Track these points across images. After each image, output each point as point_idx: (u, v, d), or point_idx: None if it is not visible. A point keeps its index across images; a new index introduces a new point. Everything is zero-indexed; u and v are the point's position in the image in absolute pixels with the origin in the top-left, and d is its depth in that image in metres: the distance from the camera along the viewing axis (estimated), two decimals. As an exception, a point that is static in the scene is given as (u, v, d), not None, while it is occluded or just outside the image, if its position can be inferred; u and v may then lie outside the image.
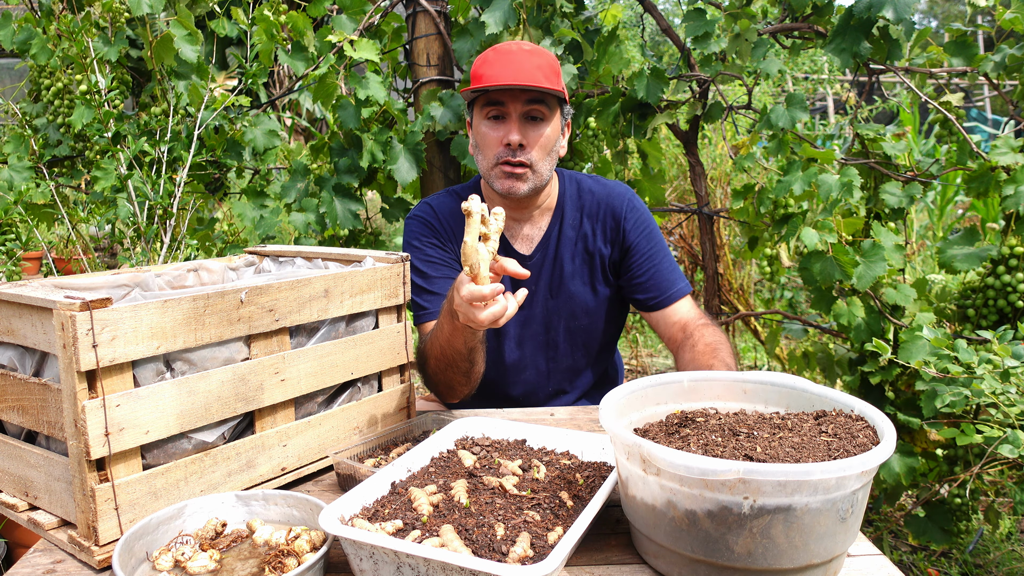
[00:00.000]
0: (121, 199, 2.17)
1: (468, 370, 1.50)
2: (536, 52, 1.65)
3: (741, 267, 4.64)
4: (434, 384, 1.59)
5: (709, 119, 2.52)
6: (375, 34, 2.53)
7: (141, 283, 1.34)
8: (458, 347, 1.44)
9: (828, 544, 0.88)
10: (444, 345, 1.46)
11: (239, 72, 2.48)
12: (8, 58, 5.83)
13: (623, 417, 1.11)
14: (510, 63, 1.61)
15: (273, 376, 1.21)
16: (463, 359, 1.47)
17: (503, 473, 1.14)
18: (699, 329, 1.67)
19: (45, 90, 2.51)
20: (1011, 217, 2.04)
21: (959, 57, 2.17)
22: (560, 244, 1.78)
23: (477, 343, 1.45)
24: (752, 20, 2.35)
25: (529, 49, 1.65)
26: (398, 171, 2.37)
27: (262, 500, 1.11)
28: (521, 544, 0.91)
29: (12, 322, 1.08)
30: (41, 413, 1.06)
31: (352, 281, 1.34)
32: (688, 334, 1.68)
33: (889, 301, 2.12)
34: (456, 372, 1.51)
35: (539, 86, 1.57)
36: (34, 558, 1.05)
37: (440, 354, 1.49)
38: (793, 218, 2.23)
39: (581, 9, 2.56)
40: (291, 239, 4.13)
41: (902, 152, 2.19)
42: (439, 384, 1.57)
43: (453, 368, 1.50)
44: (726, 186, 4.67)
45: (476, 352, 1.47)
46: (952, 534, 2.12)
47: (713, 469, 0.83)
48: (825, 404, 1.10)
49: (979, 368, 1.50)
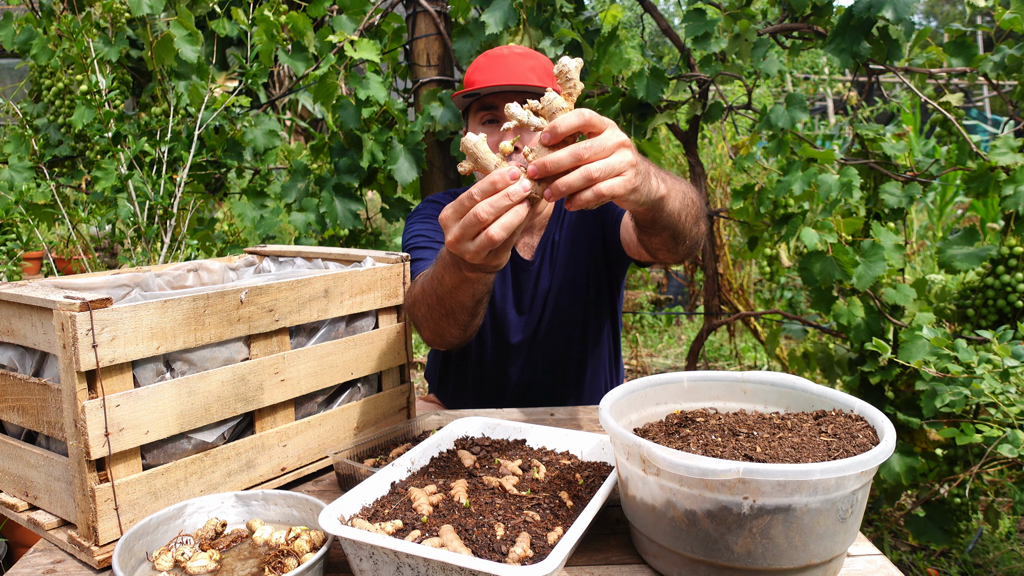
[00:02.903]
0: (121, 199, 2.17)
1: (467, 323, 1.34)
2: (528, 55, 1.65)
3: (741, 267, 4.64)
4: (421, 330, 1.42)
5: (709, 119, 2.52)
6: (375, 34, 2.53)
7: (141, 283, 1.34)
8: (463, 300, 1.25)
9: (828, 544, 0.88)
10: (444, 295, 1.27)
11: (239, 72, 2.48)
12: (8, 58, 5.83)
13: (623, 417, 1.11)
14: (501, 66, 1.61)
15: (273, 376, 1.22)
16: (465, 311, 1.29)
17: (503, 473, 1.14)
18: None
19: (46, 90, 2.52)
20: (1011, 217, 2.04)
21: (959, 57, 2.17)
22: (560, 245, 1.78)
23: (485, 294, 1.27)
24: (752, 20, 2.35)
25: (521, 52, 1.65)
26: (398, 171, 2.37)
27: (262, 500, 1.11)
28: (521, 544, 0.91)
29: (12, 322, 1.08)
30: (41, 413, 1.06)
31: (352, 281, 1.34)
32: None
33: (889, 301, 2.12)
34: (453, 324, 1.33)
35: (531, 85, 1.57)
36: (34, 558, 1.05)
37: (436, 303, 1.30)
38: (793, 218, 2.23)
39: (581, 9, 2.56)
40: (291, 239, 4.13)
41: (902, 152, 2.19)
42: (430, 331, 1.39)
43: (450, 319, 1.32)
44: (726, 186, 4.67)
45: (481, 305, 1.30)
46: (952, 534, 2.12)
47: (713, 469, 0.83)
48: (825, 404, 1.10)
49: (979, 368, 1.50)
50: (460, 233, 0.99)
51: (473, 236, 0.99)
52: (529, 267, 1.79)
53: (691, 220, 1.32)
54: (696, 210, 1.33)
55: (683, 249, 1.40)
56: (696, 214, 1.34)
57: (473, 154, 0.98)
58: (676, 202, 1.22)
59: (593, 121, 0.96)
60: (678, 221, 1.27)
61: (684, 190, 1.28)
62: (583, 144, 0.95)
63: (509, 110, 0.97)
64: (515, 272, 1.80)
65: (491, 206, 0.95)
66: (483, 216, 0.96)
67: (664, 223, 1.24)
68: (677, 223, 1.27)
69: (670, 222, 1.25)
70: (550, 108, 0.96)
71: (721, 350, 4.99)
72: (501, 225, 0.96)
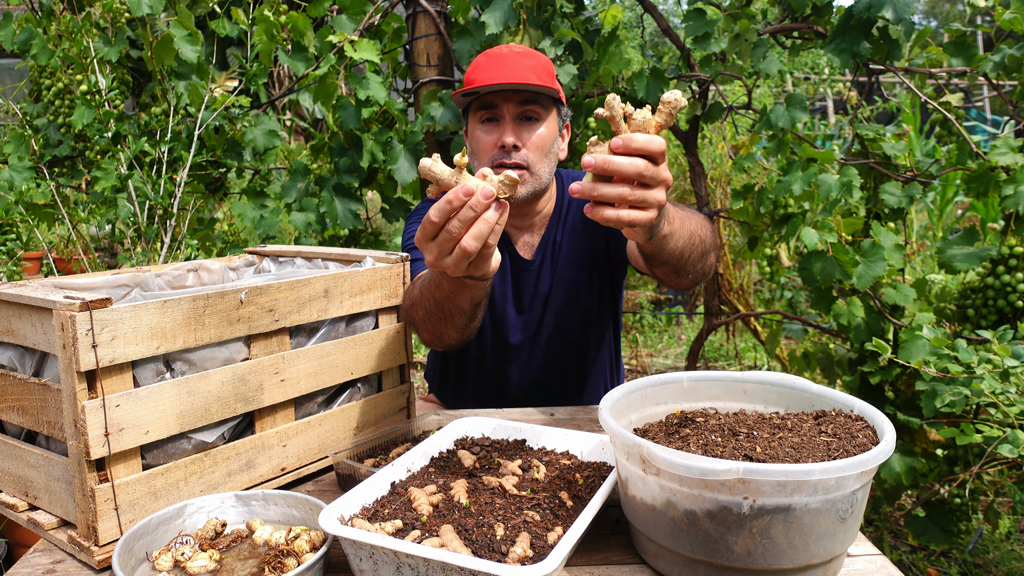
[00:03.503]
0: (121, 199, 2.17)
1: (465, 326, 1.35)
2: (528, 54, 1.65)
3: (741, 267, 4.64)
4: (419, 332, 1.43)
5: (709, 119, 2.52)
6: (375, 34, 2.53)
7: (141, 283, 1.34)
8: (461, 304, 1.26)
9: (828, 544, 0.88)
10: (442, 300, 1.28)
11: (239, 72, 2.48)
12: (8, 58, 5.83)
13: (623, 417, 1.11)
14: (501, 65, 1.60)
15: (273, 376, 1.22)
16: (463, 315, 1.30)
17: (503, 473, 1.14)
18: None
19: (46, 90, 2.52)
20: (1011, 217, 2.04)
21: (959, 57, 2.17)
22: (561, 245, 1.78)
23: (482, 299, 1.28)
24: (752, 20, 2.35)
25: (520, 51, 1.65)
26: (398, 171, 2.37)
27: (262, 500, 1.11)
28: (521, 544, 0.91)
29: (12, 322, 1.08)
30: (41, 413, 1.06)
31: (352, 281, 1.34)
32: None
33: (889, 301, 2.12)
34: (451, 327, 1.34)
35: (530, 83, 1.56)
36: (34, 558, 1.05)
37: (434, 307, 1.32)
38: (793, 218, 2.23)
39: (581, 9, 2.56)
40: (291, 239, 4.13)
41: (902, 152, 2.19)
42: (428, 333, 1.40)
43: (448, 322, 1.33)
44: (726, 186, 4.67)
45: (479, 308, 1.31)
46: (952, 534, 2.12)
47: (713, 469, 0.83)
48: (825, 404, 1.10)
49: (979, 368, 1.50)
50: (437, 251, 1.03)
51: (449, 252, 1.03)
52: (529, 267, 1.79)
53: (695, 257, 1.36)
54: (703, 248, 1.37)
55: (686, 281, 1.44)
56: (703, 251, 1.38)
57: (431, 176, 1.01)
58: (681, 241, 1.26)
59: (662, 151, 0.99)
60: (679, 258, 1.30)
61: (692, 230, 1.31)
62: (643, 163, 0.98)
63: (615, 100, 0.99)
64: (515, 272, 1.80)
65: (459, 221, 0.99)
66: (454, 232, 1.00)
67: (665, 258, 1.28)
68: (679, 260, 1.31)
69: (671, 258, 1.29)
70: (639, 119, 1.00)
71: (721, 350, 4.99)
72: (472, 236, 1.00)
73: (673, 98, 0.98)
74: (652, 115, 1.00)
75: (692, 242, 1.31)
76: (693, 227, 1.31)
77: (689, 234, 1.29)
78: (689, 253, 1.31)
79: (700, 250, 1.36)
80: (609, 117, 1.00)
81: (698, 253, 1.35)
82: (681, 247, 1.27)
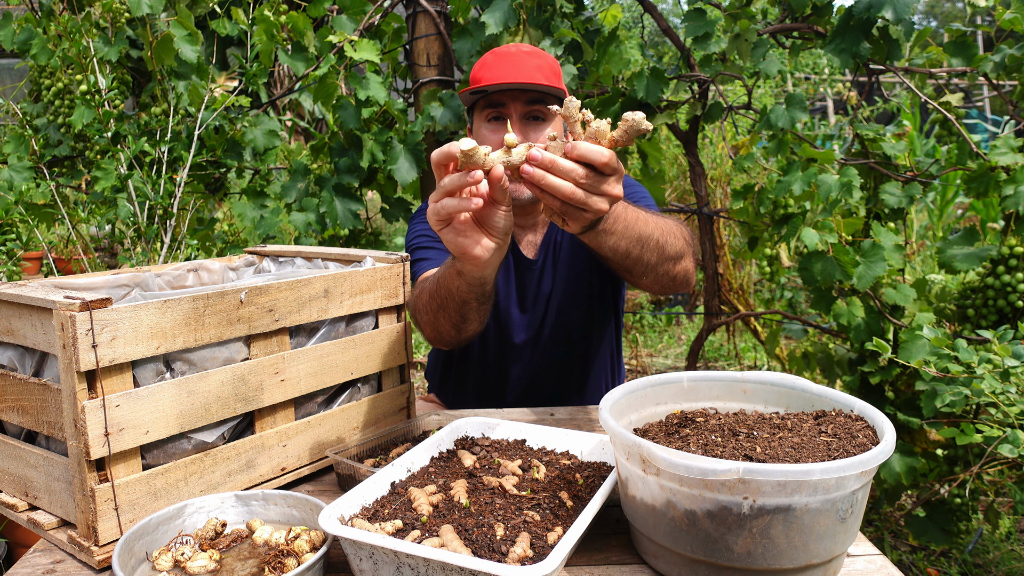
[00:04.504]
0: (121, 199, 2.17)
1: (459, 323, 1.39)
2: (535, 53, 1.65)
3: (741, 267, 4.64)
4: (421, 325, 1.49)
5: (709, 119, 2.52)
6: (375, 34, 2.53)
7: (141, 283, 1.34)
8: (454, 291, 1.30)
9: (828, 544, 0.88)
10: (439, 287, 1.33)
11: (239, 72, 2.48)
12: (8, 58, 5.83)
13: (623, 417, 1.11)
14: (509, 64, 1.61)
15: (273, 376, 1.22)
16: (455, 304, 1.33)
17: (503, 473, 1.14)
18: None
19: (45, 90, 2.51)
20: (1011, 217, 2.04)
21: (959, 57, 2.17)
22: (562, 244, 1.78)
23: (474, 297, 1.31)
24: (752, 20, 2.35)
25: (528, 51, 1.65)
26: (398, 171, 2.37)
27: (262, 500, 1.11)
28: (521, 544, 0.91)
29: (12, 322, 1.08)
30: (41, 413, 1.06)
31: (352, 281, 1.34)
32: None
33: (889, 301, 2.12)
34: (446, 320, 1.39)
35: (538, 83, 1.57)
36: (34, 558, 1.05)
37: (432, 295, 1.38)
38: (793, 218, 2.23)
39: (581, 9, 2.56)
40: (291, 239, 4.13)
41: (902, 152, 2.19)
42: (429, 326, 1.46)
43: (443, 313, 1.38)
44: (726, 186, 4.67)
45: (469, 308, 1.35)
46: (952, 534, 2.12)
47: (713, 469, 0.83)
48: (825, 404, 1.10)
49: (979, 368, 1.50)
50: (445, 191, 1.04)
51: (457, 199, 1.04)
52: (532, 266, 1.79)
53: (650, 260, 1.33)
54: (660, 254, 1.34)
55: (645, 282, 1.43)
56: (661, 256, 1.35)
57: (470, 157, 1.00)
58: (625, 242, 1.24)
59: (611, 165, 1.01)
60: (625, 257, 1.29)
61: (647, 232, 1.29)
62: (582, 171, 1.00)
63: (572, 101, 1.00)
64: (518, 271, 1.80)
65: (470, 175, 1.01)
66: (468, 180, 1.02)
67: (605, 254, 1.27)
68: (624, 259, 1.29)
69: (613, 255, 1.27)
70: (594, 127, 1.01)
71: (721, 350, 4.99)
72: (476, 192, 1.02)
73: (632, 118, 0.98)
74: (608, 127, 1.01)
75: (645, 244, 1.28)
76: (649, 230, 1.29)
77: (639, 236, 1.26)
78: (638, 254, 1.29)
79: (657, 255, 1.33)
80: (564, 116, 1.01)
81: (654, 257, 1.33)
82: (625, 247, 1.25)
